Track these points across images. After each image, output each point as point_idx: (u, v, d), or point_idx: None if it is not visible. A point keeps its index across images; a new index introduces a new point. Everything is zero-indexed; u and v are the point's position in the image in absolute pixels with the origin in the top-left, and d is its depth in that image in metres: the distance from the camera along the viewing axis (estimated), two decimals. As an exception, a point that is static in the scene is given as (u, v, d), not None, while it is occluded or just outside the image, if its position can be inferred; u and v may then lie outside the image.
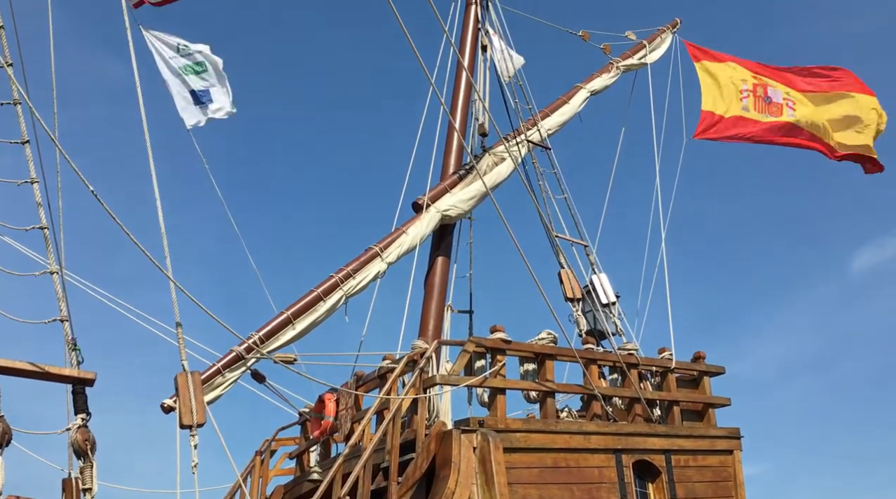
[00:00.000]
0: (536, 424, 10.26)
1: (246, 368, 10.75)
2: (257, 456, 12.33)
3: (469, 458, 9.06)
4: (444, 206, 13.08)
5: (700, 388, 12.51)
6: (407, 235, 12.57)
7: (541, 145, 14.36)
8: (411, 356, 10.42)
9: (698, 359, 12.62)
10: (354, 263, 11.95)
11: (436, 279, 13.14)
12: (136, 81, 8.02)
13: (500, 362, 10.36)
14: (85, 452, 6.01)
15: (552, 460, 9.90)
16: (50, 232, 6.91)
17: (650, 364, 12.06)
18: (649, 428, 11.25)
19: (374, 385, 11.03)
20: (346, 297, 11.76)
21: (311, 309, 11.32)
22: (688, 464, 11.37)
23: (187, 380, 7.67)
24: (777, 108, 16.25)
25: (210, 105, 12.77)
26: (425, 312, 12.79)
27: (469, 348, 10.33)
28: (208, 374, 10.08)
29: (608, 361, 11.67)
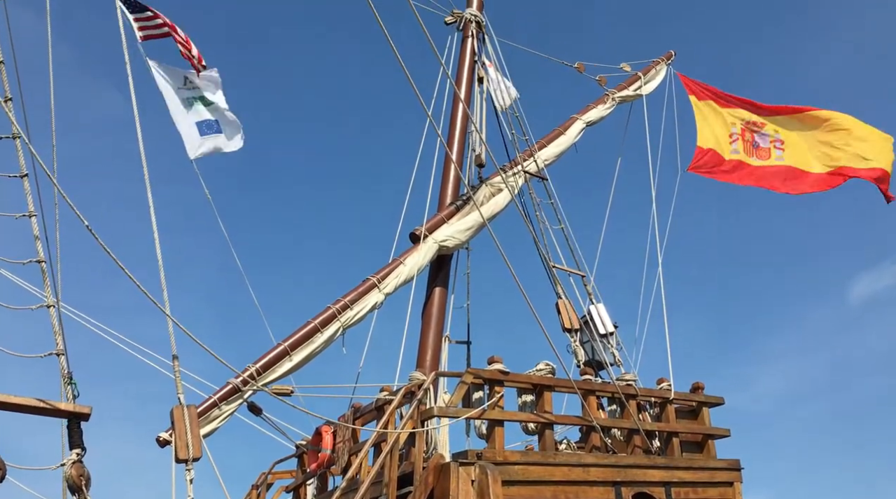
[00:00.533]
0: (535, 456, 10.18)
1: (242, 400, 10.70)
2: (254, 490, 12.22)
3: (467, 491, 8.97)
4: (441, 236, 13.10)
5: (699, 419, 12.43)
6: (404, 266, 12.57)
7: (537, 176, 14.43)
8: (409, 388, 10.37)
9: (697, 389, 12.56)
10: (352, 294, 11.95)
11: (433, 310, 13.12)
12: (133, 110, 8.08)
13: (498, 394, 10.31)
14: (80, 487, 5.94)
15: (551, 492, 9.80)
16: (47, 265, 6.91)
17: (649, 395, 12.00)
18: (649, 460, 11.17)
19: (371, 417, 10.96)
20: (344, 328, 11.74)
21: (308, 340, 11.30)
22: (688, 496, 11.26)
23: (183, 414, 7.62)
24: (765, 152, 16.38)
25: (216, 136, 12.78)
26: (423, 343, 12.75)
27: (467, 380, 10.28)
28: (204, 406, 10.03)
29: (607, 392, 11.61)
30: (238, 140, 12.86)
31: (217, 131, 12.71)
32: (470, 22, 15.87)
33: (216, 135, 12.67)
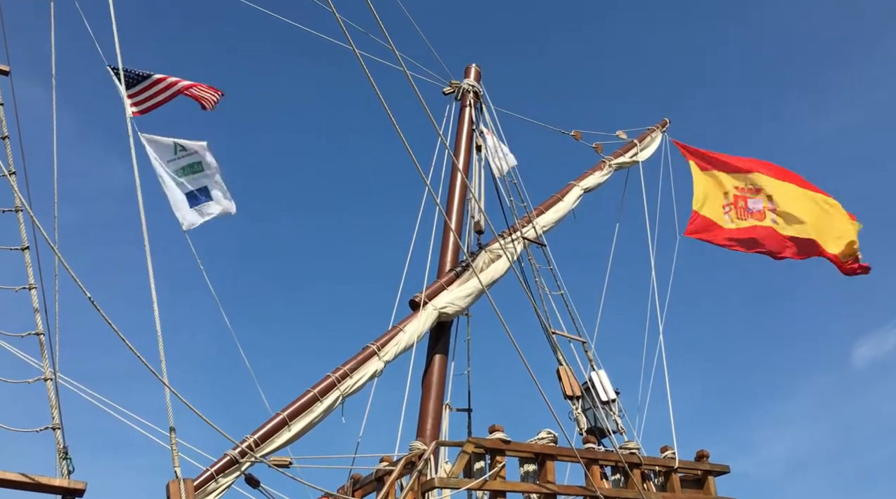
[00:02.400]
0: (539, 530, 9.98)
1: (240, 472, 10.51)
2: (251, 565, 11.91)
3: (470, 565, 8.77)
4: (441, 303, 13.09)
5: (705, 488, 12.20)
6: (404, 333, 12.52)
7: (536, 242, 14.49)
8: (409, 458, 10.24)
9: (702, 458, 12.36)
10: (351, 363, 11.87)
11: (433, 378, 13.01)
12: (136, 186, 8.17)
13: (499, 464, 10.16)
14: (72, 568, 5.81)
15: (555, 567, 9.57)
16: (46, 337, 6.89)
17: (653, 464, 11.81)
18: (655, 531, 10.94)
19: (371, 489, 10.78)
20: (343, 396, 11.62)
21: (307, 410, 11.17)
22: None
23: (180, 488, 7.51)
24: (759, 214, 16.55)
25: (207, 204, 12.90)
26: (423, 411, 12.60)
27: (468, 449, 10.15)
28: (201, 479, 9.85)
29: (610, 461, 11.43)
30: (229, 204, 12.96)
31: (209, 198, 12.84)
32: (468, 92, 16.16)
33: (207, 203, 12.80)
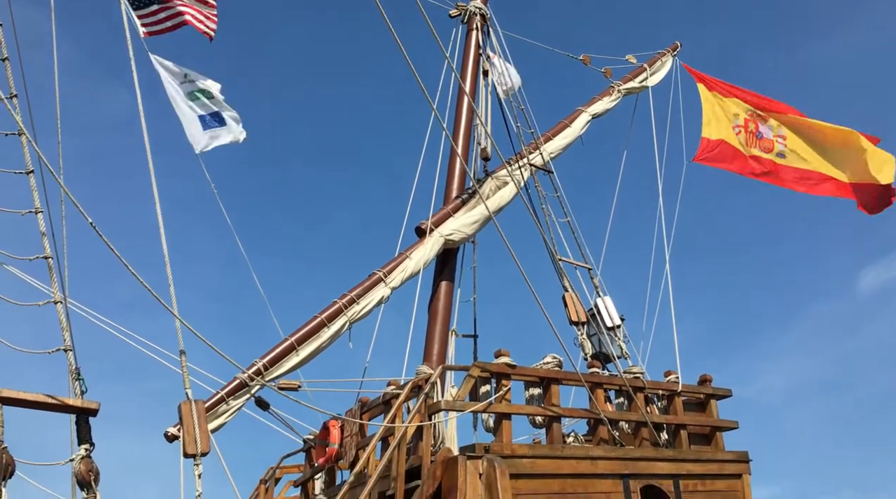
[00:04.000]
0: (543, 449, 10.17)
1: (250, 395, 10.71)
2: (262, 484, 12.25)
3: (475, 485, 8.97)
4: (447, 230, 13.08)
5: (707, 411, 12.40)
6: (410, 260, 12.56)
7: (543, 169, 14.39)
8: (416, 382, 10.36)
9: (705, 382, 12.53)
10: (358, 289, 11.95)
11: (440, 304, 13.11)
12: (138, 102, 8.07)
13: (505, 387, 10.29)
14: (88, 483, 5.96)
15: (559, 485, 9.79)
16: (54, 261, 6.91)
17: (656, 388, 11.97)
18: (657, 452, 11.15)
19: (378, 412, 10.96)
20: (350, 322, 11.74)
21: (314, 335, 11.30)
22: (696, 489, 11.24)
23: (191, 409, 7.63)
24: (768, 143, 16.31)
25: (219, 129, 12.78)
26: (429, 337, 12.74)
27: (474, 373, 10.27)
28: (212, 402, 10.05)
29: (614, 385, 11.59)
30: (240, 132, 12.85)
31: (220, 124, 12.71)
32: (474, 15, 15.82)
33: (219, 128, 12.67)
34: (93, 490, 5.94)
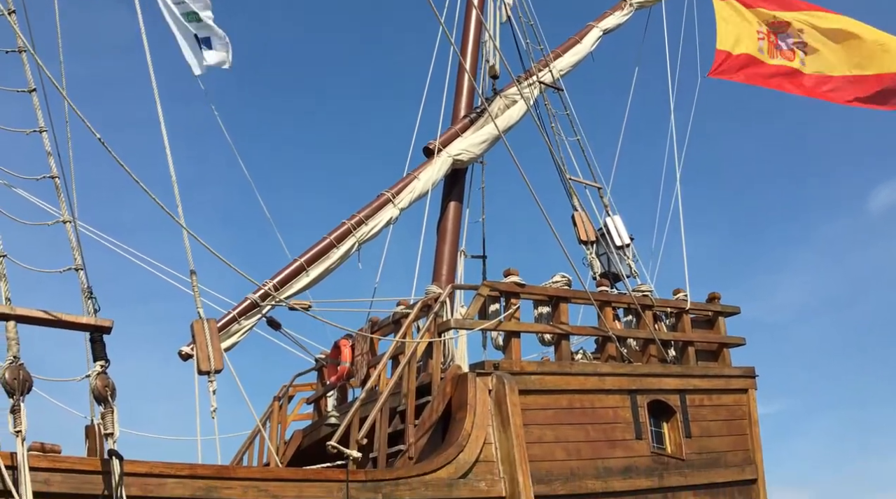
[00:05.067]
0: (551, 366, 10.30)
1: (261, 315, 10.81)
2: (275, 402, 12.49)
3: (485, 400, 9.13)
4: (455, 150, 12.96)
5: (715, 328, 12.50)
6: (419, 181, 12.49)
7: (553, 86, 14.12)
8: (425, 301, 10.44)
9: (713, 299, 12.59)
10: (367, 210, 11.92)
11: (448, 224, 13.10)
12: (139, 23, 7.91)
13: (514, 306, 10.36)
14: (105, 398, 6.06)
15: (567, 401, 9.96)
16: (61, 181, 6.89)
17: (665, 305, 12.04)
18: (664, 368, 11.29)
19: (388, 331, 11.08)
20: (359, 243, 11.75)
21: (324, 256, 11.33)
22: (702, 403, 11.42)
23: (203, 327, 7.72)
24: (789, 54, 15.84)
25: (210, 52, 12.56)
26: (438, 257, 12.78)
27: (483, 292, 10.32)
28: (224, 321, 10.15)
29: (623, 303, 11.66)
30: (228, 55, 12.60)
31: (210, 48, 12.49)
32: (482, -75, 15.27)
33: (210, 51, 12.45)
34: (110, 405, 6.05)
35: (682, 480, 10.52)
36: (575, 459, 9.59)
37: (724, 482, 11.12)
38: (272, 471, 7.88)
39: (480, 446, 8.75)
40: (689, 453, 10.84)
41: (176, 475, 6.50)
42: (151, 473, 6.37)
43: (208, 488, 6.64)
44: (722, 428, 11.50)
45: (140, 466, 6.32)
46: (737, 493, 11.29)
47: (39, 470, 5.78)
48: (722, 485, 11.10)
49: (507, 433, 8.93)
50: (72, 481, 5.95)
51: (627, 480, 9.86)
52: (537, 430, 9.36)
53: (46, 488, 5.80)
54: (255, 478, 7.04)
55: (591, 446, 9.82)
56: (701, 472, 10.82)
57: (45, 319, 5.94)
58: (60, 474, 5.92)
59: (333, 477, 7.51)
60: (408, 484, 7.90)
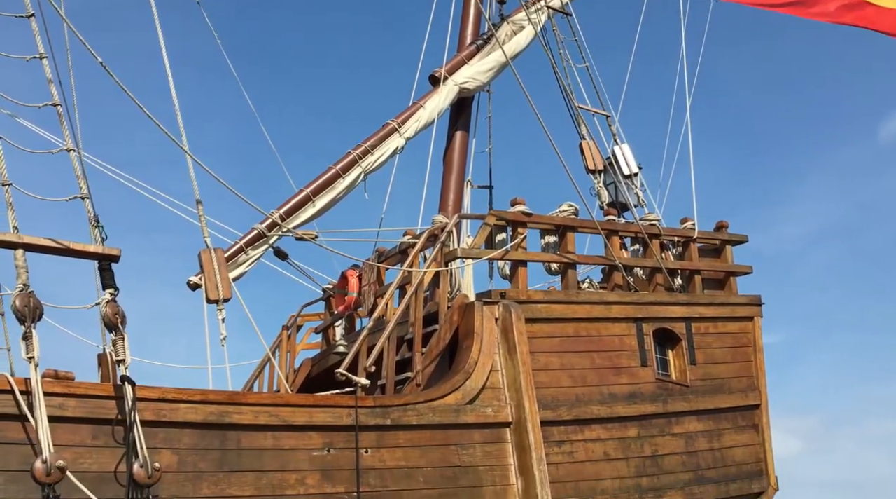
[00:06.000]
0: (558, 295, 10.34)
1: (268, 245, 10.84)
2: (284, 331, 12.64)
3: (491, 329, 9.20)
4: (461, 78, 12.76)
5: (722, 257, 12.49)
6: (424, 110, 12.34)
7: (561, 11, 13.80)
8: (432, 231, 10.44)
9: (721, 228, 12.54)
10: (372, 139, 11.82)
11: (455, 154, 13.00)
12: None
13: (521, 235, 10.35)
14: (115, 325, 6.12)
15: (573, 329, 10.02)
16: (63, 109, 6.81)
17: (672, 234, 12.01)
18: (670, 297, 11.33)
19: (395, 261, 11.12)
20: (365, 173, 11.69)
21: (330, 186, 11.29)
22: (708, 331, 11.50)
23: (211, 256, 7.74)
24: None
25: None
26: (445, 187, 12.73)
27: (490, 222, 10.31)
28: (231, 251, 10.19)
29: (630, 232, 11.63)
30: None
31: None
32: None
33: None
34: (120, 332, 6.12)
35: (686, 405, 10.66)
36: (580, 385, 9.71)
37: (727, 408, 11.27)
38: (283, 397, 8.00)
39: (487, 374, 8.85)
40: (693, 379, 10.97)
41: (188, 401, 6.60)
42: (164, 398, 6.47)
43: (220, 413, 6.75)
44: (727, 355, 11.60)
45: (152, 391, 6.42)
46: (740, 418, 11.46)
47: (54, 395, 5.88)
48: (725, 410, 11.25)
49: (514, 361, 9.02)
50: (86, 406, 6.06)
51: (632, 405, 10.00)
52: (543, 357, 9.46)
53: (61, 413, 5.90)
54: (265, 404, 7.15)
55: (596, 373, 9.93)
56: (705, 398, 10.97)
57: (53, 247, 5.96)
58: (75, 399, 6.02)
59: (343, 403, 7.62)
60: (415, 410, 8.03)
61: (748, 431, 11.53)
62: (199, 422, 6.61)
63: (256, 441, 6.90)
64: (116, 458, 6.02)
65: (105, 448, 6.05)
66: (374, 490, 7.41)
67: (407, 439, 7.87)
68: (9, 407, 5.72)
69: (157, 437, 6.32)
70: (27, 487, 5.55)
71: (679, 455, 10.36)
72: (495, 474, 8.39)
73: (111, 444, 6.06)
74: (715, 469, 10.77)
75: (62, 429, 5.84)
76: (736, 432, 11.34)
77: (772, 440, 11.79)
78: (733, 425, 11.32)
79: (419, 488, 7.73)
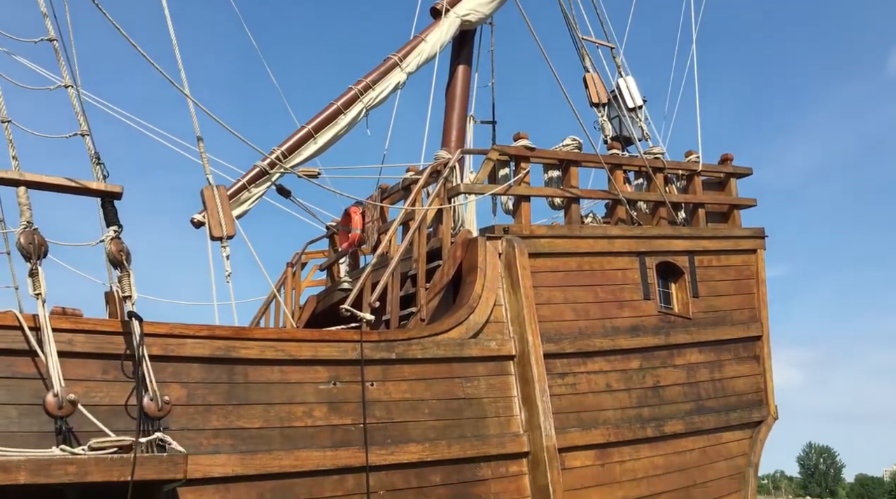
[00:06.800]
0: (561, 229, 10.35)
1: (271, 183, 10.83)
2: (289, 267, 12.71)
3: (495, 264, 9.24)
4: (463, 10, 12.51)
5: (726, 190, 12.45)
6: (426, 44, 12.14)
7: (564, -60, 13.45)
8: (435, 167, 10.40)
9: (725, 161, 12.47)
10: (374, 74, 11.67)
11: (457, 89, 12.86)
12: None
13: (524, 170, 10.31)
14: (121, 262, 6.15)
15: (576, 263, 10.06)
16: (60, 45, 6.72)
17: (676, 168, 11.95)
18: (673, 230, 11.33)
19: (398, 197, 11.10)
20: (367, 109, 11.58)
21: (332, 122, 11.19)
22: (711, 264, 11.54)
23: (213, 193, 7.75)
24: None
25: None
26: (447, 122, 12.63)
27: (493, 157, 10.25)
28: (234, 189, 10.19)
29: (634, 165, 11.57)
30: None
31: None
32: None
33: None
34: (126, 269, 6.16)
35: (688, 337, 10.77)
36: (583, 319, 9.80)
37: (729, 339, 11.39)
38: (289, 332, 8.09)
39: (491, 308, 8.93)
40: (695, 312, 11.06)
41: (195, 336, 6.68)
42: (171, 333, 6.54)
43: (227, 347, 6.84)
44: (729, 288, 11.67)
45: (160, 327, 6.49)
46: (741, 349, 11.59)
47: (62, 331, 5.95)
48: (727, 342, 11.37)
49: (517, 295, 9.09)
50: (94, 342, 6.13)
51: (634, 338, 10.10)
52: (547, 292, 9.52)
53: (70, 349, 5.98)
54: (272, 338, 7.23)
55: (599, 307, 10.00)
56: (707, 330, 11.08)
57: (56, 184, 5.96)
58: (83, 335, 6.09)
59: (348, 337, 7.71)
60: (420, 344, 8.13)
61: (749, 361, 11.68)
62: (206, 356, 6.70)
63: (263, 375, 7.00)
64: (127, 392, 6.13)
65: (115, 382, 6.15)
66: (380, 422, 7.55)
67: (412, 373, 7.99)
68: (18, 342, 5.81)
69: (166, 371, 6.42)
70: (40, 420, 5.67)
71: (680, 386, 10.51)
72: (499, 406, 8.54)
73: (121, 378, 6.15)
74: (715, 399, 10.95)
75: (72, 364, 5.93)
76: (737, 362, 11.48)
77: (772, 371, 11.95)
78: (734, 356, 11.45)
79: (424, 420, 7.88)
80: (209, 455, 6.42)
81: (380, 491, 7.30)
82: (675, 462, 10.11)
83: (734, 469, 11.08)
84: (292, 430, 7.02)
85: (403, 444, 7.59)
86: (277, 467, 6.76)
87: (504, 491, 8.22)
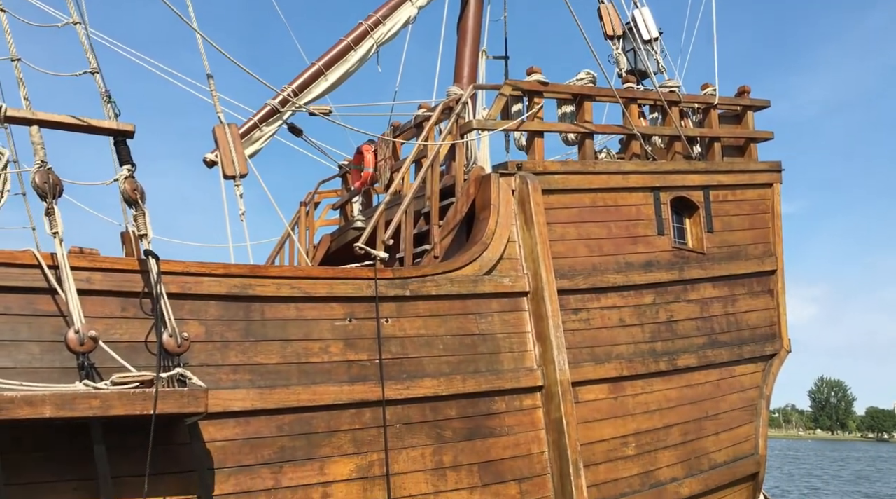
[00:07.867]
0: (575, 165, 10.27)
1: (282, 121, 10.76)
2: (302, 207, 12.73)
3: (508, 200, 9.21)
4: (474, -60, 12.23)
5: (743, 124, 12.28)
6: (437, -24, 11.90)
7: None
8: (447, 103, 10.28)
9: (742, 93, 12.26)
10: (384, 9, 11.47)
11: (469, 23, 12.63)
12: None
13: (537, 105, 10.18)
14: (135, 201, 6.17)
15: (590, 199, 10.01)
16: (65, -19, 6.61)
17: (692, 101, 11.77)
18: (688, 165, 11.22)
19: (410, 135, 11.03)
20: (378, 45, 11.41)
21: (342, 59, 11.05)
22: (726, 198, 11.46)
23: (225, 131, 7.72)
24: None
25: None
26: (459, 57, 12.44)
27: (505, 92, 10.12)
28: (245, 128, 10.13)
29: (649, 99, 11.40)
30: None
31: None
32: None
33: None
34: (141, 207, 6.17)
35: (702, 272, 10.77)
36: (597, 255, 9.78)
37: (743, 274, 11.38)
38: (304, 269, 8.13)
39: (504, 244, 8.93)
40: (710, 246, 11.03)
41: (211, 274, 6.73)
42: (188, 271, 6.60)
43: (243, 285, 6.90)
44: (744, 222, 11.60)
45: (176, 265, 6.54)
46: (756, 283, 11.58)
47: (80, 269, 6.01)
48: (741, 276, 11.36)
49: (531, 232, 9.07)
50: (112, 280, 6.20)
51: (648, 273, 10.11)
52: (560, 228, 9.50)
53: (89, 287, 6.05)
54: (287, 276, 7.28)
55: (613, 243, 9.99)
56: (721, 264, 11.06)
57: (68, 123, 5.94)
58: (101, 273, 6.15)
59: (363, 275, 7.75)
60: (434, 281, 8.16)
61: (763, 296, 11.68)
62: (223, 294, 6.77)
63: (280, 312, 7.08)
64: (146, 329, 6.22)
65: (134, 320, 6.23)
66: (395, 357, 7.64)
67: (426, 309, 8.05)
68: (38, 281, 5.88)
69: (184, 308, 6.50)
70: (62, 356, 5.78)
71: (693, 320, 10.55)
72: (513, 341, 8.61)
73: (140, 315, 6.24)
74: (728, 333, 10.99)
75: (91, 302, 6.01)
76: (751, 297, 11.49)
77: (786, 305, 11.95)
78: (748, 290, 11.45)
79: (439, 355, 7.97)
80: (229, 390, 6.54)
81: (396, 424, 7.43)
82: (687, 395, 10.21)
83: (746, 401, 11.19)
84: (309, 365, 7.12)
85: (419, 379, 7.70)
86: (296, 401, 6.88)
87: (518, 424, 8.36)
